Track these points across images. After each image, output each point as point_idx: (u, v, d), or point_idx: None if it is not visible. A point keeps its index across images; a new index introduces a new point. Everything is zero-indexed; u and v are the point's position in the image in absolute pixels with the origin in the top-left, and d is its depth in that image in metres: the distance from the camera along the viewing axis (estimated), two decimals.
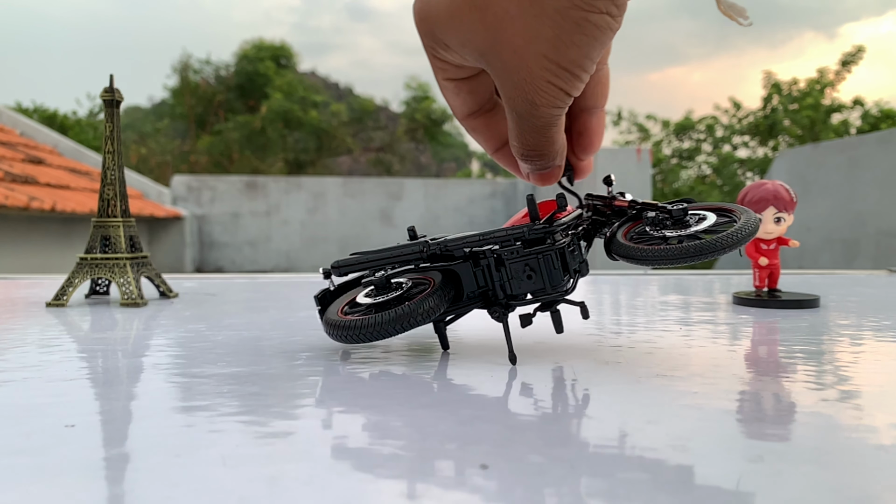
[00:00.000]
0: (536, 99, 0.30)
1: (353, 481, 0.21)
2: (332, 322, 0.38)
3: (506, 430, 0.26)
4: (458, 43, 0.30)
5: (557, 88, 0.30)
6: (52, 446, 0.24)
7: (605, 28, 0.29)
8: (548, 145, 0.33)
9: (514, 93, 0.31)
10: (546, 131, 0.33)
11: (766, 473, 0.22)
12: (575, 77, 0.30)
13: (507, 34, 0.29)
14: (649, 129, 8.66)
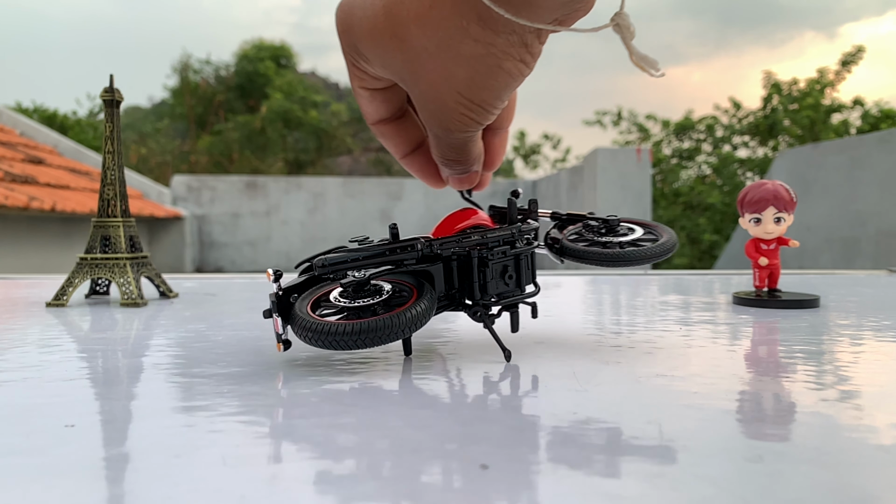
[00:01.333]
0: (450, 126, 0.32)
1: (353, 481, 0.21)
2: (312, 326, 0.34)
3: (506, 430, 0.26)
4: (378, 63, 0.31)
5: (470, 119, 0.32)
6: (52, 446, 0.24)
7: (518, 74, 0.30)
8: (465, 155, 0.35)
9: (430, 119, 0.32)
10: (462, 147, 0.34)
11: (766, 473, 0.22)
12: (487, 112, 0.32)
13: (424, 69, 0.30)
14: (649, 129, 8.66)
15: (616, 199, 5.18)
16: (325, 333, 0.33)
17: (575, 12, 0.29)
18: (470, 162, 0.36)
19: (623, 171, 5.20)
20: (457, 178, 0.38)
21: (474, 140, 0.34)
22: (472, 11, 0.27)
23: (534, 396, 0.31)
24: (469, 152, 0.35)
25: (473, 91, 0.30)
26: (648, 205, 5.27)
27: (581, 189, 5.56)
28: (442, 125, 0.32)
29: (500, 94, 0.31)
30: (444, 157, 0.35)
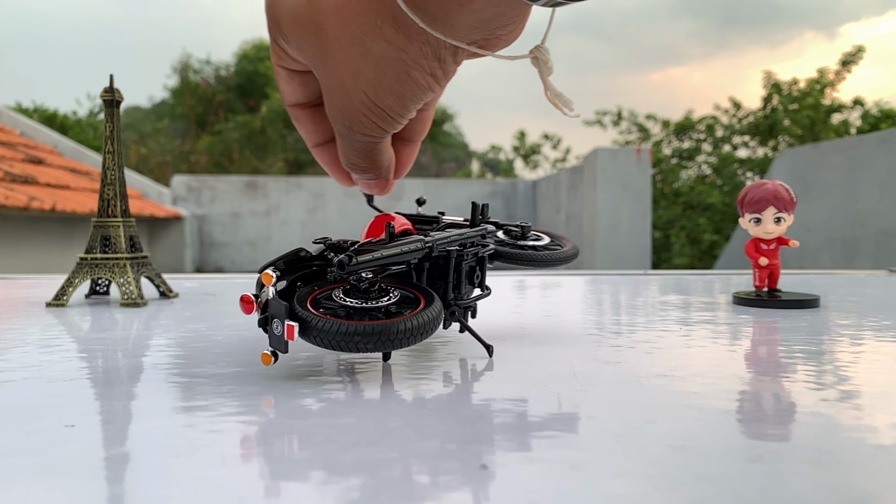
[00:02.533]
0: (353, 126, 0.31)
1: (353, 481, 0.21)
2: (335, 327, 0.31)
3: (505, 430, 0.26)
4: (295, 46, 0.31)
5: (374, 123, 0.31)
6: (52, 446, 0.24)
7: (426, 87, 0.29)
8: (370, 162, 0.34)
9: (335, 114, 0.31)
10: (367, 153, 0.33)
11: (766, 473, 0.22)
12: (391, 119, 0.31)
13: (335, 62, 0.29)
14: (649, 129, 8.66)
15: (616, 199, 5.18)
16: (351, 335, 0.31)
17: (495, 39, 0.28)
18: (375, 170, 0.35)
19: (623, 171, 5.20)
20: (364, 184, 0.37)
21: (380, 148, 0.33)
22: (388, 12, 0.27)
23: (534, 396, 0.31)
24: (375, 160, 0.34)
25: (379, 94, 0.29)
26: (648, 205, 5.27)
27: (581, 189, 5.56)
28: (345, 123, 0.31)
29: (406, 104, 0.30)
30: (349, 160, 0.34)
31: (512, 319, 0.56)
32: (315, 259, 0.37)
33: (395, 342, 0.32)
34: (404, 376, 0.35)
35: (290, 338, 0.32)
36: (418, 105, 0.31)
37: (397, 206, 2.28)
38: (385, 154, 0.35)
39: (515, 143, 10.87)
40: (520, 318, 0.57)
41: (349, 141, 0.32)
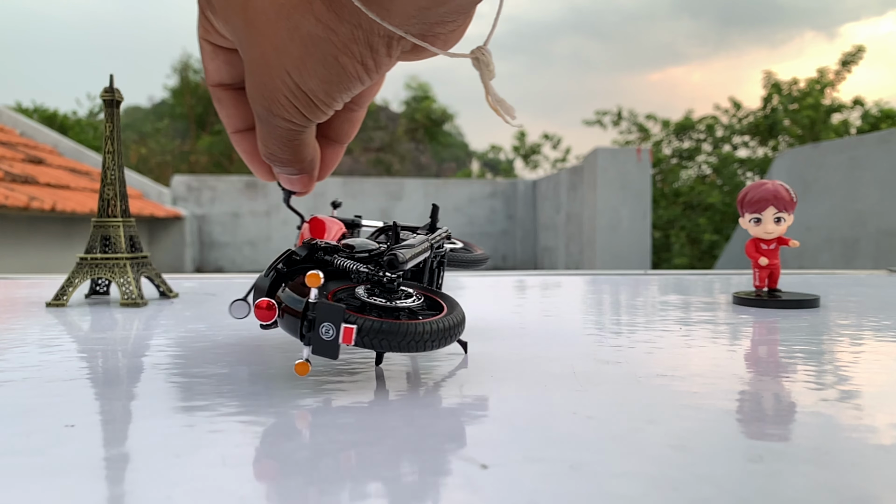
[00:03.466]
0: (273, 108, 0.29)
1: (353, 481, 0.21)
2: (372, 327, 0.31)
3: (506, 430, 0.26)
4: (222, 17, 0.29)
5: (295, 108, 0.29)
6: (52, 446, 0.24)
7: (354, 76, 0.28)
8: (290, 155, 0.32)
9: (254, 93, 0.29)
10: (288, 143, 0.31)
11: (766, 473, 0.22)
12: (314, 106, 0.29)
13: (260, 34, 0.27)
14: (649, 129, 8.66)
15: (616, 199, 5.18)
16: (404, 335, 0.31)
17: (433, 36, 0.27)
18: (296, 163, 0.32)
19: (623, 171, 5.20)
20: (284, 178, 0.35)
21: (303, 139, 0.31)
22: None
23: (534, 396, 0.31)
24: (296, 151, 0.31)
25: (303, 75, 0.27)
26: (648, 205, 5.27)
27: (581, 189, 5.56)
28: (264, 104, 0.29)
29: (330, 91, 0.28)
30: (268, 149, 0.31)
31: (512, 319, 0.56)
32: (306, 260, 0.36)
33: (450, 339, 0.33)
34: (404, 376, 0.35)
35: (346, 341, 0.30)
36: (345, 96, 0.29)
37: (397, 206, 2.28)
38: (308, 147, 0.32)
39: (515, 143, 10.87)
40: (520, 318, 0.57)
41: (268, 126, 0.30)
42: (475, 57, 0.28)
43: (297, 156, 0.32)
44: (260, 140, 0.31)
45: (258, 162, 0.35)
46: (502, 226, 7.47)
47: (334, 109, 0.30)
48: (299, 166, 0.33)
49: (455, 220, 7.20)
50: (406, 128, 15.41)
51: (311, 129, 0.31)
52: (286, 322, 0.32)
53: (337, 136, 0.36)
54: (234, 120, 0.34)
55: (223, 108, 0.34)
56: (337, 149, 0.36)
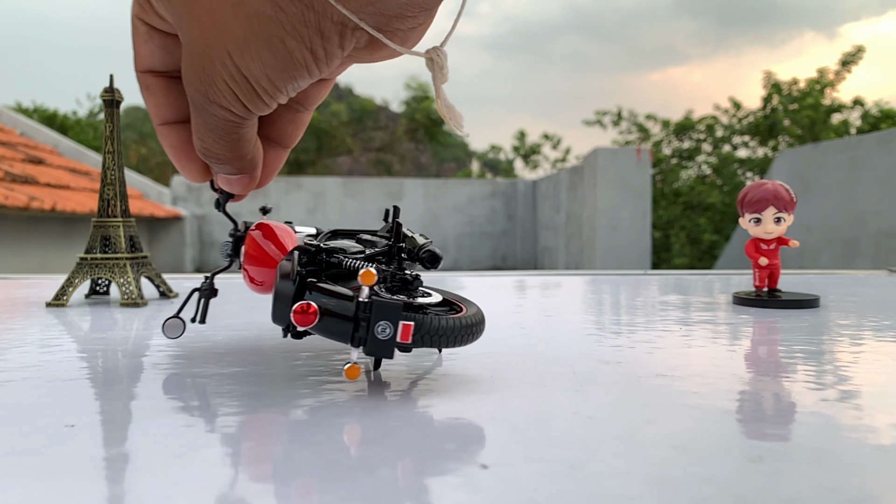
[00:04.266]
0: (210, 94, 0.26)
1: (353, 481, 0.21)
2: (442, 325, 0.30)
3: (506, 430, 0.26)
4: None
5: (234, 95, 0.26)
6: (52, 446, 0.24)
7: (301, 65, 0.25)
8: (228, 151, 0.29)
9: (190, 76, 0.26)
10: (225, 136, 0.28)
11: (766, 473, 0.22)
12: (255, 95, 0.26)
13: (201, 11, 0.25)
14: (649, 129, 8.66)
15: (616, 199, 5.19)
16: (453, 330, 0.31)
17: (391, 32, 0.26)
18: (235, 161, 0.29)
19: (623, 171, 5.20)
20: (222, 178, 0.31)
21: (242, 133, 0.28)
22: None
23: (534, 396, 0.31)
24: (235, 147, 0.29)
25: (245, 58, 0.25)
26: (648, 205, 5.28)
27: (581, 189, 5.56)
28: (201, 89, 0.26)
29: (274, 79, 0.25)
30: (203, 143, 0.28)
31: (512, 319, 0.56)
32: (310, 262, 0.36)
33: (480, 333, 0.33)
34: (403, 376, 0.35)
35: (404, 339, 0.29)
36: (290, 87, 0.26)
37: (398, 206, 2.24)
38: (247, 143, 0.29)
39: (515, 143, 10.88)
40: (520, 318, 0.57)
41: (204, 115, 0.27)
42: (430, 57, 0.27)
43: (236, 152, 0.29)
44: (195, 132, 0.28)
45: (187, 158, 0.31)
46: (502, 226, 7.47)
47: (277, 102, 0.27)
48: (238, 164, 0.30)
49: (455, 220, 7.21)
50: (406, 128, 15.41)
51: (252, 123, 0.28)
52: (326, 324, 0.30)
53: (280, 138, 0.33)
54: (163, 110, 0.30)
55: (152, 97, 0.30)
56: (280, 152, 0.33)
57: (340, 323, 0.29)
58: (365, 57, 0.28)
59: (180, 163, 0.31)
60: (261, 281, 0.38)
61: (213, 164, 0.30)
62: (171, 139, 0.31)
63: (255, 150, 0.30)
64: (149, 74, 0.30)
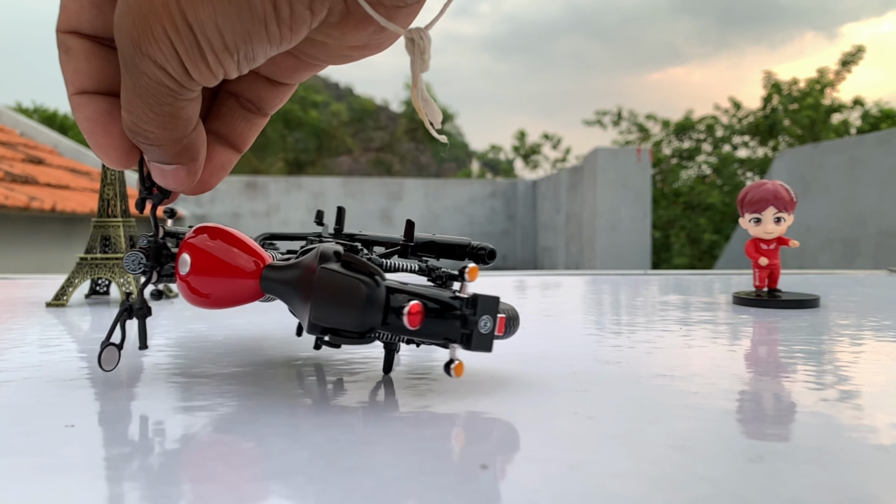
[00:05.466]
0: (143, 44, 0.22)
1: (353, 481, 0.21)
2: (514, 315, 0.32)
3: (506, 431, 0.26)
4: None
5: (172, 50, 0.22)
6: (52, 446, 0.24)
7: (260, 22, 0.21)
8: (158, 128, 0.24)
9: (122, 19, 0.22)
10: (156, 105, 0.23)
11: (766, 473, 0.22)
12: (198, 52, 0.22)
13: None
14: (649, 129, 8.66)
15: (616, 199, 5.19)
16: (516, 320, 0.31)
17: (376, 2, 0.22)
18: (167, 143, 0.25)
19: (623, 171, 5.20)
20: (153, 164, 0.26)
21: (179, 108, 0.24)
22: None
23: (533, 396, 0.31)
24: (169, 124, 0.24)
25: (195, 6, 0.21)
26: (648, 205, 5.28)
27: (581, 189, 5.56)
28: (133, 35, 0.22)
29: (225, 32, 0.21)
30: (131, 116, 0.24)
31: None
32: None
33: None
34: (404, 376, 0.35)
35: (500, 332, 0.29)
36: (243, 51, 0.22)
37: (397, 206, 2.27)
38: (185, 122, 0.24)
39: (515, 143, 10.88)
40: (520, 318, 0.57)
41: (135, 75, 0.22)
42: (411, 38, 0.24)
43: (169, 131, 0.24)
44: (123, 99, 0.24)
45: (106, 133, 0.26)
46: (502, 226, 7.47)
47: (224, 72, 0.23)
48: (171, 149, 0.25)
49: (455, 220, 7.20)
50: (406, 128, 15.41)
51: (193, 97, 0.24)
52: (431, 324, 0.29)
53: (230, 136, 0.29)
54: (83, 77, 0.25)
55: (71, 61, 0.25)
56: (229, 154, 0.29)
57: (446, 322, 0.29)
58: (336, 38, 0.24)
59: (96, 139, 0.26)
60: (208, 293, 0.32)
61: (141, 145, 0.25)
62: (87, 110, 0.25)
63: (196, 138, 0.26)
64: (72, 35, 0.25)
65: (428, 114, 0.26)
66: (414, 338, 0.30)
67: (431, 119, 0.27)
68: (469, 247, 0.35)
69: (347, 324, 0.28)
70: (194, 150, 0.26)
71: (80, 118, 0.26)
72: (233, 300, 0.32)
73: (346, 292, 0.28)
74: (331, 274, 0.28)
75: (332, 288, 0.28)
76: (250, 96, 0.29)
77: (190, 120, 0.25)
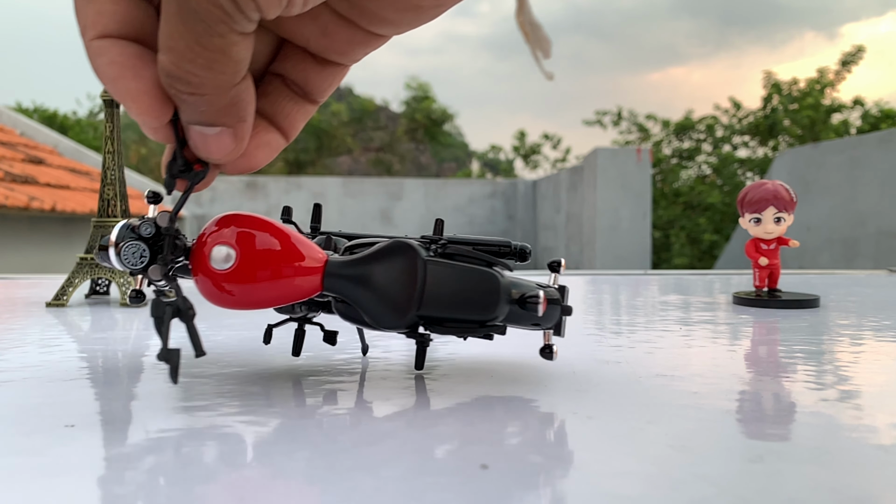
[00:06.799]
0: None
1: (353, 481, 0.21)
2: None
3: (506, 430, 0.26)
4: None
5: None
6: (52, 446, 0.24)
7: None
8: (205, 70, 0.20)
9: None
10: (207, 36, 0.19)
11: (766, 473, 0.22)
12: None
13: None
14: (649, 129, 8.66)
15: (616, 199, 5.18)
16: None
17: None
18: (214, 92, 0.21)
19: (623, 171, 5.19)
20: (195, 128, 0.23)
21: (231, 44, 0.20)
22: None
23: (534, 396, 0.31)
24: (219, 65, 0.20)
25: None
26: (648, 205, 5.27)
27: (581, 189, 5.56)
28: None
29: None
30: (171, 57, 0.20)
31: None
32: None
33: None
34: (404, 376, 0.35)
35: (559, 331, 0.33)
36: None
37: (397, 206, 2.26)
38: (236, 65, 0.21)
39: (515, 143, 10.87)
40: None
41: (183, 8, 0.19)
42: None
43: (217, 73, 0.21)
44: (163, 40, 0.20)
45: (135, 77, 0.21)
46: (502, 226, 7.46)
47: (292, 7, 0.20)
48: (217, 100, 0.21)
49: (455, 220, 7.20)
50: (406, 128, 15.41)
51: (248, 35, 0.21)
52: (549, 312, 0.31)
53: (277, 117, 0.26)
54: (106, 19, 0.21)
55: (93, 2, 0.21)
56: (276, 138, 0.26)
57: (553, 310, 0.31)
58: None
59: (125, 83, 0.21)
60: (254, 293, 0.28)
61: (181, 95, 0.21)
62: (112, 52, 0.21)
63: (245, 92, 0.22)
64: None
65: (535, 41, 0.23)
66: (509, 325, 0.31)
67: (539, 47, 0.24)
68: (511, 247, 0.36)
69: (476, 314, 0.29)
70: (241, 107, 0.23)
71: (103, 63, 0.21)
72: (281, 300, 0.28)
73: (478, 284, 0.29)
74: (452, 267, 0.29)
75: (461, 280, 0.29)
76: (297, 78, 0.26)
77: (240, 63, 0.21)
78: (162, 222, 0.28)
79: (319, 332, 0.37)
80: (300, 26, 0.25)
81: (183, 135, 0.24)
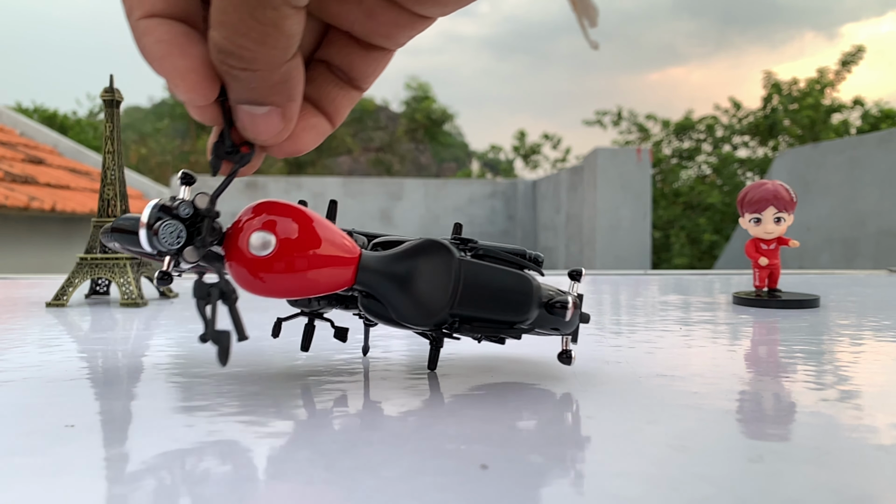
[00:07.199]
0: None
1: (353, 481, 0.21)
2: None
3: (506, 430, 0.26)
4: None
5: None
6: (52, 446, 0.24)
7: None
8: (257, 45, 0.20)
9: None
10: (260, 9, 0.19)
11: (766, 473, 0.22)
12: None
13: None
14: (649, 129, 8.66)
15: (616, 199, 5.18)
16: None
17: None
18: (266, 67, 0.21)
19: (623, 171, 5.19)
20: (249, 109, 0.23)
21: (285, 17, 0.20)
22: None
23: (533, 396, 0.31)
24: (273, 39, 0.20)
25: None
26: (648, 205, 5.27)
27: (581, 189, 5.56)
28: None
29: None
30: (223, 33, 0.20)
31: None
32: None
33: None
34: (404, 376, 0.35)
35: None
36: None
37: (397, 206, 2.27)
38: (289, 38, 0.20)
39: (515, 143, 10.87)
40: None
41: None
42: None
43: (269, 48, 0.20)
44: (215, 15, 0.20)
45: (183, 55, 0.21)
46: (502, 226, 7.46)
47: None
48: (268, 76, 0.21)
49: (455, 220, 7.20)
50: (406, 128, 15.41)
51: (301, 9, 0.20)
52: (573, 317, 0.32)
53: (323, 102, 0.26)
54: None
55: None
56: (322, 121, 0.26)
57: (576, 317, 0.32)
58: None
59: (172, 61, 0.21)
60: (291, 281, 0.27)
61: (232, 70, 0.21)
62: (160, 31, 0.21)
63: (295, 69, 0.22)
64: None
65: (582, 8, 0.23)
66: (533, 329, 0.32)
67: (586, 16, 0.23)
68: (526, 255, 0.36)
69: (510, 315, 0.30)
70: (292, 84, 0.22)
71: (149, 42, 0.21)
72: (312, 290, 0.28)
73: (515, 285, 0.30)
74: (488, 268, 0.29)
75: (497, 281, 0.29)
76: (342, 64, 0.26)
77: (292, 38, 0.21)
78: (201, 204, 0.28)
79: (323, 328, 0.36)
80: (345, 9, 0.24)
81: (230, 115, 0.23)
